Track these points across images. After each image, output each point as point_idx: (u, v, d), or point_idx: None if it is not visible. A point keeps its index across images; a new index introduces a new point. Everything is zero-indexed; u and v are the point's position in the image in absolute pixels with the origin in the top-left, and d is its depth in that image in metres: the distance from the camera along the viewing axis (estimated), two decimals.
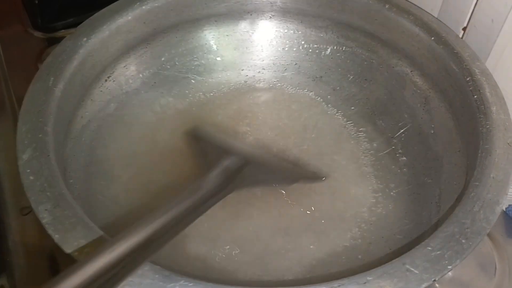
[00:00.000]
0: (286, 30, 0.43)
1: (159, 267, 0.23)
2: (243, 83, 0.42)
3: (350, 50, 0.41)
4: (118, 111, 0.37)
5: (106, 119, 0.37)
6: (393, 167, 0.36)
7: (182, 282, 0.22)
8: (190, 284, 0.22)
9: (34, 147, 0.27)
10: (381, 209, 0.34)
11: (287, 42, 0.43)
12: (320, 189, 0.35)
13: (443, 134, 0.35)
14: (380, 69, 0.40)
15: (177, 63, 0.41)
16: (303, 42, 0.43)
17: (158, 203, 0.33)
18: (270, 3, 0.41)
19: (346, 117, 0.40)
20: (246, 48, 0.43)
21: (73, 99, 0.33)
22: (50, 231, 0.24)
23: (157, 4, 0.38)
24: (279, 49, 0.43)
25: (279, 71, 0.43)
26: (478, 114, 0.30)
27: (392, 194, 0.35)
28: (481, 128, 0.29)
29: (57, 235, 0.23)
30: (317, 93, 0.41)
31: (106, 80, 0.37)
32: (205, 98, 0.41)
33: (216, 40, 0.42)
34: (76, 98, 0.34)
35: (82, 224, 0.24)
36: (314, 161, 0.37)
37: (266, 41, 0.43)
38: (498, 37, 0.35)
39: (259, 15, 0.42)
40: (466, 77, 0.32)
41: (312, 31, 0.42)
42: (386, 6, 0.38)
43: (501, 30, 0.35)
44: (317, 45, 0.42)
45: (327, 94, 0.41)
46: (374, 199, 0.34)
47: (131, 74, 0.39)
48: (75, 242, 0.23)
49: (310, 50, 0.43)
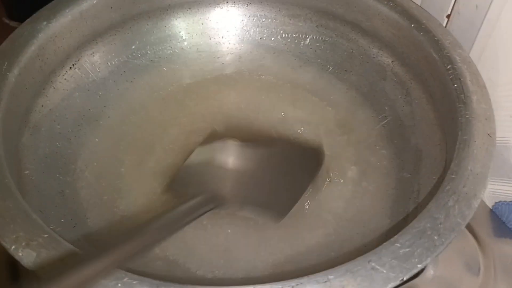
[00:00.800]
0: (264, 19, 0.41)
1: None
2: (219, 72, 0.40)
3: (330, 40, 0.40)
4: (83, 101, 0.36)
5: (69, 109, 0.35)
6: (372, 160, 0.34)
7: (126, 280, 0.20)
8: (135, 282, 0.20)
9: None
10: (357, 204, 0.32)
11: (265, 31, 0.41)
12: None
13: (424, 127, 0.33)
14: (360, 59, 0.38)
15: (148, 52, 0.39)
16: (282, 31, 0.41)
17: (121, 201, 0.31)
18: None
19: (324, 107, 0.38)
20: (222, 37, 0.41)
21: (31, 86, 0.31)
22: None
23: None
24: (257, 38, 0.41)
25: (257, 60, 0.41)
26: (457, 103, 0.28)
27: (369, 188, 0.33)
28: (460, 118, 0.28)
29: None
30: (295, 83, 0.40)
31: (70, 67, 0.35)
32: (178, 88, 0.39)
33: (190, 28, 0.40)
34: (35, 85, 0.32)
35: (23, 217, 0.22)
36: None
37: (243, 30, 0.41)
38: (482, 24, 0.34)
39: (236, 3, 0.41)
40: (446, 65, 0.30)
41: (290, 20, 0.40)
42: None
43: (485, 16, 0.33)
44: (296, 34, 0.41)
45: (306, 83, 0.39)
46: (350, 194, 0.33)
47: (99, 62, 0.37)
48: (14, 235, 0.21)
49: (289, 40, 0.41)
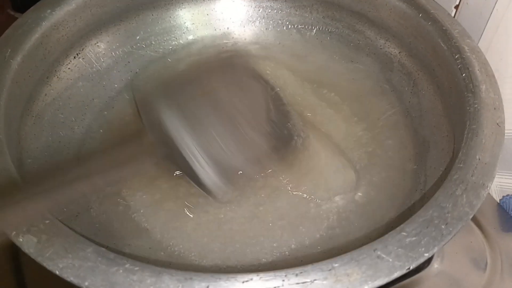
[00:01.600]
0: (269, 10, 0.41)
1: (104, 249, 0.20)
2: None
3: (336, 31, 0.39)
4: (87, 91, 0.35)
5: (73, 99, 0.34)
6: (378, 151, 0.34)
7: (127, 266, 0.20)
8: (136, 268, 0.20)
9: None
10: (362, 196, 0.31)
11: (270, 22, 0.41)
12: (297, 173, 0.32)
13: (431, 118, 0.33)
14: (367, 50, 0.38)
15: (153, 42, 0.39)
16: (287, 22, 0.40)
17: (126, 192, 0.31)
18: None
19: (331, 98, 0.37)
20: (227, 28, 0.41)
21: (34, 75, 0.31)
22: None
23: None
24: (262, 29, 0.41)
25: (262, 51, 0.40)
26: (466, 93, 0.28)
27: (374, 180, 0.32)
28: (468, 107, 0.27)
29: None
30: (301, 73, 0.39)
31: (74, 57, 0.35)
32: None
33: (195, 19, 0.40)
34: (38, 73, 0.32)
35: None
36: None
37: (249, 21, 0.41)
38: (491, 14, 0.33)
39: None
40: (454, 54, 0.30)
41: (296, 11, 0.40)
42: None
43: (494, 6, 0.32)
44: (302, 25, 0.40)
45: (312, 74, 0.39)
46: (354, 185, 0.32)
47: (103, 52, 0.37)
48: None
49: (295, 31, 0.40)
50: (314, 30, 0.40)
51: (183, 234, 0.29)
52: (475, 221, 0.36)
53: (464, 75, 0.29)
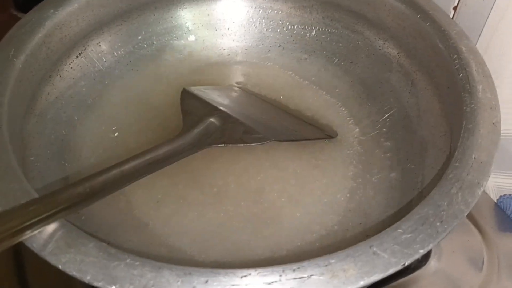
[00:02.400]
0: (269, 11, 0.41)
1: (106, 245, 0.21)
2: (224, 63, 0.40)
3: (336, 31, 0.40)
4: (89, 90, 0.36)
5: (75, 98, 0.35)
6: (376, 152, 0.34)
7: (128, 261, 0.20)
8: (137, 263, 0.20)
9: None
10: (360, 195, 0.32)
11: (271, 22, 0.41)
12: (296, 172, 0.33)
13: (429, 118, 0.33)
14: (366, 51, 0.38)
15: (154, 42, 0.40)
16: (287, 23, 0.41)
17: (127, 189, 0.31)
18: None
19: (329, 99, 0.38)
20: (228, 28, 0.41)
21: (37, 74, 0.31)
22: None
23: None
24: (263, 30, 0.41)
25: (262, 52, 0.41)
26: (463, 93, 0.28)
27: (373, 180, 0.33)
28: (465, 107, 0.27)
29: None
30: (301, 74, 0.39)
31: (77, 56, 0.35)
32: (183, 78, 0.39)
33: (196, 19, 0.41)
34: (41, 72, 0.32)
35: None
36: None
37: (249, 21, 0.41)
38: (489, 15, 0.33)
39: None
40: (452, 55, 0.30)
41: (296, 12, 0.40)
42: None
43: (492, 7, 0.33)
44: (301, 26, 0.41)
45: (311, 75, 0.39)
46: (354, 184, 0.32)
47: (105, 52, 0.37)
48: None
49: (295, 32, 0.41)
50: (314, 31, 0.40)
51: (183, 230, 0.29)
52: (473, 220, 0.36)
53: (461, 76, 0.29)
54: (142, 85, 0.38)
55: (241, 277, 0.20)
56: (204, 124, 0.32)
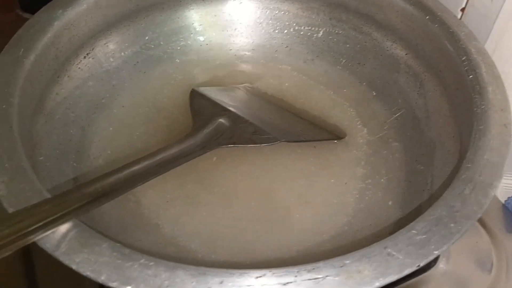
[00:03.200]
0: (277, 12, 0.41)
1: (119, 245, 0.21)
2: (231, 64, 0.40)
3: (343, 32, 0.40)
4: (97, 90, 0.36)
5: (83, 98, 0.35)
6: (384, 153, 0.34)
7: (142, 261, 0.20)
8: (151, 263, 0.20)
9: None
10: (370, 196, 0.32)
11: (278, 23, 0.41)
12: (305, 173, 0.33)
13: (438, 119, 0.33)
14: (374, 52, 0.38)
15: (161, 43, 0.40)
16: (295, 24, 0.41)
17: (134, 190, 0.31)
18: None
19: (337, 99, 0.38)
20: (235, 29, 0.41)
21: (46, 74, 0.31)
22: (5, 205, 0.22)
23: None
24: (270, 31, 0.41)
25: (269, 53, 0.41)
26: (473, 94, 0.28)
27: (382, 180, 0.33)
28: (475, 108, 0.27)
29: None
30: (308, 75, 0.39)
31: (85, 56, 0.35)
32: (191, 79, 0.39)
33: (203, 20, 0.41)
34: (50, 73, 0.32)
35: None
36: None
37: (256, 22, 0.41)
38: (497, 17, 0.33)
39: None
40: (461, 56, 0.30)
41: (303, 13, 0.40)
42: None
43: (500, 9, 0.33)
44: (309, 27, 0.41)
45: (319, 76, 0.39)
46: (363, 185, 0.32)
47: (112, 52, 0.37)
48: None
49: (302, 33, 0.41)
50: (321, 32, 0.40)
51: (192, 230, 0.29)
52: (481, 222, 0.36)
53: (471, 77, 0.29)
54: (150, 86, 0.38)
55: (256, 277, 0.20)
56: (213, 124, 0.32)
